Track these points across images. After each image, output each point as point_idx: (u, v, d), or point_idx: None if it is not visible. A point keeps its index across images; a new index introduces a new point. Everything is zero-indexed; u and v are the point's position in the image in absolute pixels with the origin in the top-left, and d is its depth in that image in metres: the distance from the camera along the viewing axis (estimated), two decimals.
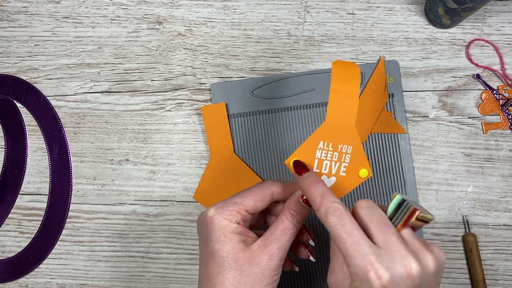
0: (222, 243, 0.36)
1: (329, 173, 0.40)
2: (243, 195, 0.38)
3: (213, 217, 0.37)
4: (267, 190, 0.39)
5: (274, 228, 0.37)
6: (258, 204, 0.38)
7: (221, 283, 0.36)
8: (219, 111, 0.53)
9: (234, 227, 0.37)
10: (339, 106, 0.40)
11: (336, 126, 0.40)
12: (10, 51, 0.57)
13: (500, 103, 0.54)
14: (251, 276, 0.36)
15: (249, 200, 0.38)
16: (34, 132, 0.56)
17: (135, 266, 0.54)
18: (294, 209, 0.38)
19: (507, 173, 0.53)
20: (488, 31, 0.55)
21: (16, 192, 0.55)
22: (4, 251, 0.55)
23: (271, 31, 0.56)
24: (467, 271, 0.52)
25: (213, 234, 0.37)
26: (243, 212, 0.38)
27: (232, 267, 0.36)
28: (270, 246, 0.36)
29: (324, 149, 0.40)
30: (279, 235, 0.37)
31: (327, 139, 0.40)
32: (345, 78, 0.41)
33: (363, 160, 0.40)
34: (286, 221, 0.37)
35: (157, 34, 0.56)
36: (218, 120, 0.53)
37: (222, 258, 0.36)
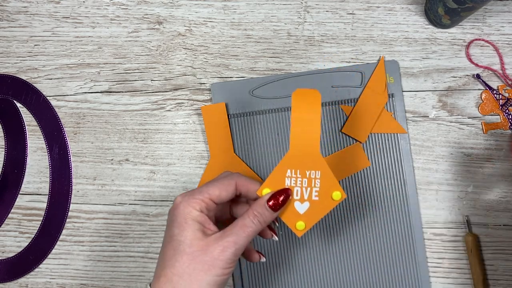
0: (181, 228, 0.38)
1: (302, 198, 0.42)
2: (209, 185, 0.40)
3: (178, 204, 0.39)
4: (231, 181, 0.41)
5: (235, 224, 0.39)
6: (222, 193, 0.40)
7: (172, 265, 0.37)
8: (219, 111, 0.53)
9: (196, 214, 0.38)
10: (302, 133, 0.41)
11: (301, 153, 0.41)
12: (10, 51, 0.57)
13: (500, 103, 0.54)
14: (201, 263, 0.37)
15: (214, 190, 0.40)
16: (34, 132, 0.56)
17: (135, 266, 0.54)
18: (258, 211, 0.39)
19: (507, 173, 0.53)
20: (488, 31, 0.55)
21: (16, 192, 0.55)
22: (4, 251, 0.55)
23: (271, 31, 0.56)
24: (467, 271, 0.52)
25: (176, 219, 0.39)
26: (207, 200, 0.39)
27: (186, 252, 0.37)
28: (226, 238, 0.38)
29: (292, 177, 0.41)
30: (237, 230, 0.38)
31: (294, 167, 0.41)
32: (305, 106, 0.42)
33: (334, 183, 0.41)
34: (247, 219, 0.39)
35: (157, 34, 0.56)
36: (218, 120, 0.53)
37: (179, 242, 0.38)
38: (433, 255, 0.52)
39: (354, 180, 0.53)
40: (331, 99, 0.54)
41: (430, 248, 0.52)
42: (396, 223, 0.52)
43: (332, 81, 0.54)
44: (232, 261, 0.38)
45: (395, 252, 0.52)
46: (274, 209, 0.40)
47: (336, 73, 0.54)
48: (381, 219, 0.52)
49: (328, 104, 0.53)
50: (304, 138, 0.41)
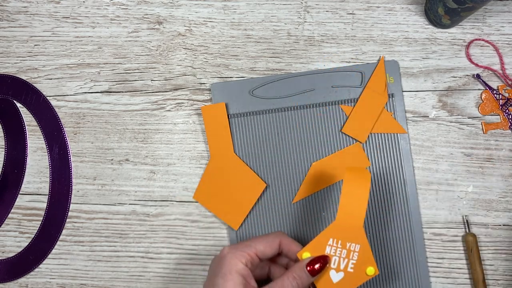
0: (225, 279, 0.40)
1: (338, 268, 0.44)
2: (255, 240, 0.43)
3: (226, 254, 0.41)
4: (276, 239, 0.43)
5: (275, 283, 0.40)
6: (267, 249, 0.42)
7: None
8: (219, 111, 0.53)
9: (241, 267, 0.40)
10: (350, 206, 0.44)
11: (346, 226, 0.43)
12: (10, 51, 0.57)
13: (500, 103, 0.54)
14: None
15: (260, 245, 0.42)
16: (34, 132, 0.56)
17: (135, 266, 0.54)
18: (297, 273, 0.41)
19: (507, 173, 0.53)
20: (488, 31, 0.55)
21: (16, 192, 0.55)
22: (4, 251, 0.55)
23: (271, 31, 0.56)
24: (467, 271, 0.52)
25: (221, 269, 0.40)
26: (253, 255, 0.42)
27: None
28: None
29: (333, 246, 0.43)
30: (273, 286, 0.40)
31: (337, 237, 0.44)
32: (357, 182, 0.44)
33: (370, 259, 0.43)
34: (286, 280, 0.40)
35: (157, 34, 0.56)
36: (218, 120, 0.53)
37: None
38: (433, 255, 0.52)
39: None
40: (331, 99, 0.53)
41: (430, 248, 0.52)
42: (396, 223, 0.52)
43: (332, 81, 0.54)
44: None
45: (395, 252, 0.52)
46: (312, 274, 0.41)
47: (336, 73, 0.54)
48: (381, 219, 0.52)
49: (328, 104, 0.53)
50: (351, 211, 0.44)
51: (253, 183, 0.52)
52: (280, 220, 0.53)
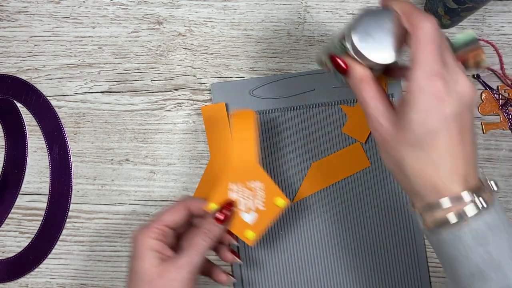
0: (138, 259, 0.40)
1: (248, 209, 0.45)
2: (161, 212, 0.43)
3: (135, 236, 0.41)
4: (181, 203, 0.43)
5: (187, 244, 0.41)
6: (175, 217, 0.42)
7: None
8: (219, 111, 0.53)
9: (153, 243, 0.40)
10: (241, 149, 0.45)
11: (241, 167, 0.44)
12: (10, 51, 0.57)
13: (500, 103, 0.54)
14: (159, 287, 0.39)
15: (166, 215, 0.42)
16: (34, 132, 0.56)
17: None
18: (206, 228, 0.42)
19: (507, 173, 0.53)
20: (488, 31, 0.55)
21: (16, 192, 0.55)
22: (4, 251, 0.55)
23: (271, 31, 0.56)
24: None
25: (135, 251, 0.41)
26: (161, 227, 0.41)
27: (145, 281, 0.39)
28: (180, 260, 0.40)
29: (236, 190, 0.44)
30: (189, 250, 0.41)
31: (236, 180, 0.44)
32: (242, 124, 0.46)
33: (275, 191, 0.44)
34: (197, 238, 0.41)
35: (157, 34, 0.56)
36: (218, 120, 0.53)
37: (137, 274, 0.40)
38: (433, 255, 0.52)
39: (354, 180, 0.53)
40: (331, 99, 0.54)
41: (430, 248, 0.52)
42: (396, 223, 0.52)
43: (332, 81, 0.54)
44: (189, 280, 0.40)
45: (395, 252, 0.52)
46: (221, 223, 0.42)
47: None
48: (381, 219, 0.52)
49: (328, 104, 0.53)
50: (243, 152, 0.45)
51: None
52: (280, 220, 0.53)
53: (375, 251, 0.52)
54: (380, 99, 0.36)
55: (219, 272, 0.46)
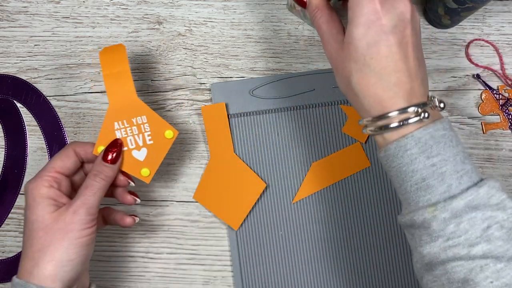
0: (32, 208, 0.40)
1: (137, 146, 0.45)
2: (51, 160, 0.43)
3: (27, 186, 0.41)
4: (69, 148, 0.43)
5: (81, 188, 0.41)
6: (65, 163, 0.42)
7: (31, 245, 0.39)
8: (219, 111, 0.53)
9: (45, 191, 0.40)
10: (116, 86, 0.44)
11: (121, 104, 0.44)
12: (10, 51, 0.57)
13: (500, 103, 0.54)
14: (57, 232, 0.39)
15: (56, 161, 0.42)
16: (34, 132, 0.56)
17: (135, 266, 0.54)
18: (97, 169, 0.42)
19: (507, 173, 0.53)
20: (488, 31, 0.55)
21: (16, 192, 0.55)
22: (4, 251, 0.55)
23: (271, 31, 0.56)
24: None
25: (27, 201, 0.41)
26: (53, 174, 0.41)
27: (40, 228, 0.39)
28: (75, 203, 0.40)
29: (121, 128, 0.44)
30: (82, 192, 0.41)
31: (120, 118, 0.44)
32: (113, 60, 0.44)
33: (162, 123, 0.44)
34: (88, 180, 0.41)
35: (157, 34, 0.56)
36: (218, 120, 0.53)
37: (32, 222, 0.40)
38: None
39: (354, 180, 0.53)
40: (331, 99, 0.54)
41: None
42: (396, 223, 0.52)
43: (332, 81, 0.54)
44: (86, 221, 0.40)
45: (395, 252, 0.52)
46: (111, 163, 0.43)
47: None
48: (381, 219, 0.52)
49: (328, 104, 0.53)
50: (120, 90, 0.44)
51: (253, 183, 0.52)
52: (280, 220, 0.53)
53: (375, 251, 0.52)
54: (332, 23, 0.39)
55: (122, 215, 0.46)
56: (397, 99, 0.35)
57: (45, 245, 0.39)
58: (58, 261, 0.39)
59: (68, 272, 0.39)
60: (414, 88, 0.36)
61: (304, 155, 0.53)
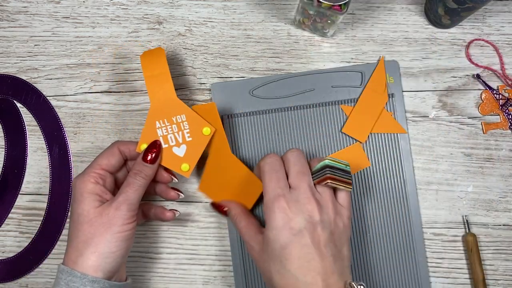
0: (78, 202, 0.43)
1: (177, 143, 0.47)
2: (97, 158, 0.46)
3: (75, 182, 0.44)
4: (113, 147, 0.46)
5: (122, 186, 0.44)
6: (110, 160, 0.45)
7: (76, 236, 0.42)
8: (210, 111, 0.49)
9: (91, 187, 0.43)
10: (157, 87, 0.47)
11: (162, 104, 0.47)
12: (10, 51, 0.57)
13: (500, 103, 0.54)
14: (100, 225, 0.42)
15: (101, 159, 0.45)
16: (34, 132, 0.56)
17: (135, 266, 0.54)
18: (137, 168, 0.44)
19: (507, 173, 0.53)
20: (488, 31, 0.55)
21: (16, 192, 0.55)
22: (4, 251, 0.55)
23: (271, 31, 0.56)
24: (467, 271, 0.52)
25: (74, 195, 0.43)
26: (99, 171, 0.44)
27: (85, 221, 0.42)
28: (117, 199, 0.43)
29: (162, 126, 0.47)
30: (124, 190, 0.43)
31: (161, 117, 0.47)
32: (152, 63, 0.48)
33: (200, 121, 0.47)
34: (130, 178, 0.44)
35: (157, 34, 0.56)
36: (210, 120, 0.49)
37: (78, 215, 0.42)
38: (433, 255, 0.52)
39: (354, 180, 0.53)
40: (331, 99, 0.54)
41: (430, 248, 0.52)
42: (396, 223, 0.52)
43: (332, 81, 0.54)
44: (127, 216, 0.42)
45: (395, 252, 0.52)
46: (151, 162, 0.45)
47: (336, 73, 0.54)
48: (381, 219, 0.52)
49: (328, 104, 0.53)
50: (160, 90, 0.47)
51: (252, 183, 0.50)
52: None
53: (374, 251, 0.52)
54: (251, 225, 0.45)
55: (162, 210, 0.49)
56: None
57: (89, 237, 0.41)
58: (101, 253, 0.41)
59: (109, 263, 0.42)
60: (330, 284, 0.38)
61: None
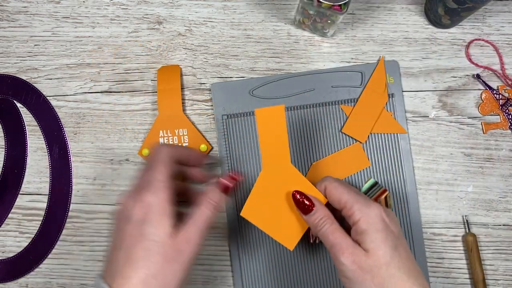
0: (156, 227, 0.38)
1: None
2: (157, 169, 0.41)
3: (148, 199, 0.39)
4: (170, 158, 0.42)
5: (193, 214, 0.40)
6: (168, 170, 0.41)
7: (146, 266, 0.37)
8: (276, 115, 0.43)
9: (170, 210, 0.39)
10: (167, 100, 0.53)
11: (168, 116, 0.53)
12: (10, 51, 0.57)
13: (500, 103, 0.54)
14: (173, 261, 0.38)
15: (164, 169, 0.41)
16: (34, 132, 0.56)
17: None
18: (211, 198, 0.41)
19: (507, 173, 0.53)
20: (488, 31, 0.55)
21: (16, 192, 0.55)
22: (4, 251, 0.55)
23: (271, 31, 0.56)
24: (467, 271, 0.52)
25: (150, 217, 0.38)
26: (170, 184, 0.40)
27: (159, 253, 0.38)
28: (189, 229, 0.39)
29: (165, 136, 0.53)
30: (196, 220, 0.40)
31: (165, 128, 0.53)
32: (167, 78, 0.53)
33: (200, 138, 0.53)
34: (202, 206, 0.41)
35: (157, 34, 0.56)
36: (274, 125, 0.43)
37: (153, 242, 0.38)
38: (433, 255, 0.52)
39: (354, 180, 0.53)
40: (331, 99, 0.54)
41: (430, 248, 0.52)
42: None
43: (332, 81, 0.54)
44: (196, 250, 0.40)
45: None
46: (226, 193, 0.43)
47: (336, 73, 0.54)
48: None
49: (328, 104, 0.53)
50: (169, 104, 0.53)
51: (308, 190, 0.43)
52: None
53: None
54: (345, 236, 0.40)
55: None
56: None
57: (160, 273, 0.38)
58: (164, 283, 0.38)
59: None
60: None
61: (304, 155, 0.53)
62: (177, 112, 0.53)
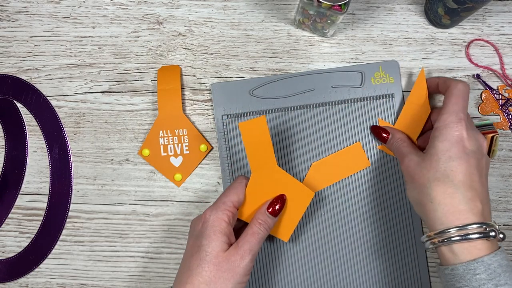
0: (210, 240, 0.42)
1: (175, 154, 0.53)
2: (227, 194, 0.45)
3: (208, 217, 0.43)
4: (242, 183, 0.46)
5: (245, 233, 0.44)
6: (240, 196, 0.45)
7: (199, 274, 0.41)
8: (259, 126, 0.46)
9: (224, 227, 0.43)
10: (167, 100, 0.53)
11: (168, 116, 0.53)
12: (10, 51, 0.57)
13: (500, 103, 0.54)
14: (225, 272, 0.41)
15: (233, 196, 0.45)
16: (34, 132, 0.56)
17: (135, 266, 0.54)
18: (261, 219, 0.45)
19: (507, 173, 0.53)
20: (488, 31, 0.55)
21: (16, 192, 0.55)
22: (4, 251, 0.55)
23: (271, 31, 0.56)
24: None
25: (205, 231, 0.43)
26: (231, 208, 0.44)
27: (212, 262, 0.41)
28: (242, 247, 0.43)
29: (165, 136, 0.53)
30: (249, 239, 0.43)
31: (165, 128, 0.53)
32: (167, 78, 0.53)
33: (200, 138, 0.53)
34: (254, 227, 0.44)
35: (157, 34, 0.56)
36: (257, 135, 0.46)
37: (206, 253, 0.42)
38: (433, 255, 0.52)
39: (354, 180, 0.53)
40: (331, 99, 0.54)
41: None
42: (396, 223, 0.52)
43: (332, 81, 0.54)
44: (249, 267, 0.43)
45: (395, 252, 0.52)
46: (274, 215, 0.45)
47: (336, 73, 0.54)
48: (381, 220, 0.52)
49: (328, 104, 0.53)
50: (169, 104, 0.53)
51: (300, 193, 0.47)
52: None
53: (375, 251, 0.52)
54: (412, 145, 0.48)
55: None
56: (471, 214, 0.40)
57: (212, 281, 0.41)
58: None
59: None
60: (485, 210, 0.41)
61: (304, 155, 0.53)
62: (177, 112, 0.53)
